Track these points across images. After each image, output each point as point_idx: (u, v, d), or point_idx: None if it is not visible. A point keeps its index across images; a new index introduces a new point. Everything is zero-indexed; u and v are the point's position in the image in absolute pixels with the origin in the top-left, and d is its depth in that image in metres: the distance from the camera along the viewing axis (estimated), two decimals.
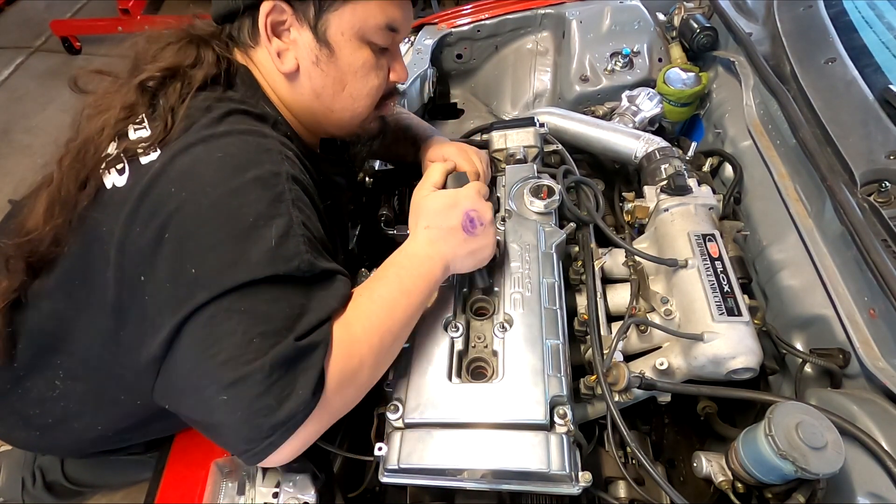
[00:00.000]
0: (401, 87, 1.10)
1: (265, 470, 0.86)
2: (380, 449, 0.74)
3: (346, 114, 0.90)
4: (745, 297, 0.84)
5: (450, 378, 0.78)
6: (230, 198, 0.68)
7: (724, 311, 0.81)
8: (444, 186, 0.89)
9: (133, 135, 0.76)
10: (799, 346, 0.95)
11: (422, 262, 0.78)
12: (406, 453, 0.73)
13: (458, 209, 0.80)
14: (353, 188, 1.13)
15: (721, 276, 0.86)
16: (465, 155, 1.06)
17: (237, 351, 0.62)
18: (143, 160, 0.73)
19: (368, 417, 0.81)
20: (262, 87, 0.86)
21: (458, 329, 0.83)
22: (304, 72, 0.84)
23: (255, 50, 0.85)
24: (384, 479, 0.74)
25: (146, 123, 0.76)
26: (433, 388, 0.77)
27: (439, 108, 1.70)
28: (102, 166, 0.75)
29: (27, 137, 2.88)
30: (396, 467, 0.72)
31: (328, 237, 0.79)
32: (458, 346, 0.83)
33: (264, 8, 0.79)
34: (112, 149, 0.76)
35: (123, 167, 0.74)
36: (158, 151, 0.72)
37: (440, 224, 0.80)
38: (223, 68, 0.81)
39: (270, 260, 0.66)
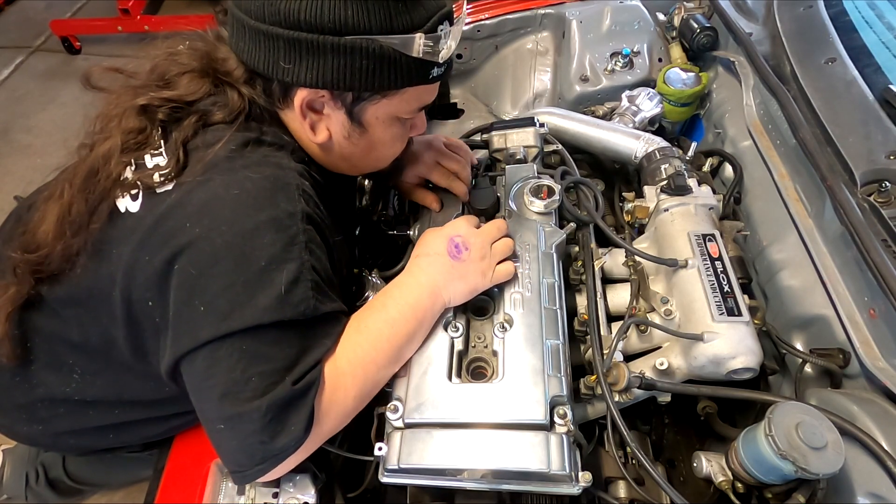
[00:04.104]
0: None
1: None
2: (380, 449, 0.74)
3: (368, 169, 0.94)
4: (745, 297, 0.84)
5: (450, 378, 0.78)
6: (244, 239, 0.68)
7: (724, 311, 0.81)
8: None
9: (150, 162, 0.75)
10: (799, 346, 0.95)
11: (409, 289, 0.80)
12: (406, 453, 0.73)
13: (444, 235, 0.84)
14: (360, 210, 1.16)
15: (721, 276, 0.86)
16: (439, 171, 1.02)
17: (236, 387, 0.66)
18: (159, 189, 0.73)
19: (368, 417, 0.81)
20: (283, 122, 0.83)
21: (458, 329, 0.83)
22: (335, 142, 0.83)
23: (283, 111, 0.82)
24: (384, 479, 0.74)
25: (162, 150, 0.76)
26: (433, 388, 0.77)
27: (439, 108, 1.70)
28: (116, 190, 0.75)
29: (27, 137, 2.87)
30: (396, 467, 0.72)
31: (337, 264, 0.82)
32: (458, 346, 0.83)
33: (301, 93, 0.75)
34: (128, 172, 0.76)
35: (138, 193, 0.75)
36: (174, 182, 0.73)
37: (427, 251, 0.83)
38: (247, 107, 0.78)
39: (278, 306, 0.67)
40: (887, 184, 0.90)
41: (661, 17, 1.52)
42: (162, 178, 0.73)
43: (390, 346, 0.76)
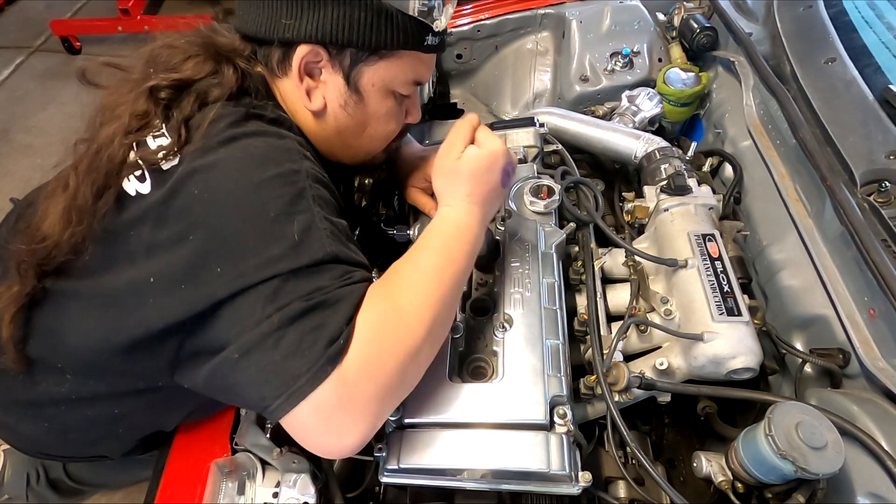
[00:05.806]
0: None
1: (265, 470, 0.86)
2: (380, 449, 0.74)
3: (362, 151, 0.94)
4: (745, 297, 0.84)
5: (450, 378, 0.78)
6: (251, 194, 0.69)
7: (724, 311, 0.81)
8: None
9: (152, 143, 0.76)
10: (799, 346, 0.95)
11: (469, 229, 0.78)
12: (406, 453, 0.73)
13: (497, 168, 0.81)
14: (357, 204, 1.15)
15: (721, 276, 0.86)
16: None
17: (255, 324, 0.64)
18: (165, 166, 0.73)
19: None
20: (278, 101, 0.86)
21: (458, 329, 0.83)
22: (330, 112, 0.85)
23: (281, 79, 0.84)
24: (384, 479, 0.74)
25: (164, 130, 0.76)
26: (433, 388, 0.77)
27: (439, 108, 1.70)
28: (122, 172, 0.75)
29: (27, 137, 2.88)
30: (396, 467, 0.72)
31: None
32: (459, 345, 0.83)
33: (301, 50, 0.78)
34: (131, 156, 0.76)
35: (143, 174, 0.75)
36: (179, 157, 0.73)
37: (481, 190, 0.80)
38: (242, 83, 0.80)
39: (293, 255, 0.66)
40: (887, 184, 0.90)
41: (661, 17, 1.52)
42: (166, 154, 0.73)
43: (455, 283, 0.74)
